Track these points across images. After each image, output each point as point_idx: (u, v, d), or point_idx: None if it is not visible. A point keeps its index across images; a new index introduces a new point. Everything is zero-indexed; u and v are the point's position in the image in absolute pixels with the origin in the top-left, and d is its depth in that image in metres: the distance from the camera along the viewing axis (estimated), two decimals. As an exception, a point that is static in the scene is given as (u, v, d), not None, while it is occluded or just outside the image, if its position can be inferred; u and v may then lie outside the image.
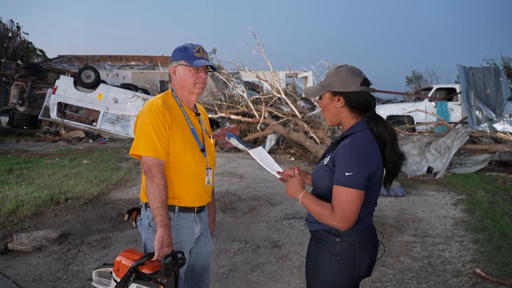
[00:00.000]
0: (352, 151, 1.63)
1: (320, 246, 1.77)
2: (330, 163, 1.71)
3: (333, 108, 1.78)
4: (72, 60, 24.43)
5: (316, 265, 1.78)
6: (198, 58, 2.07)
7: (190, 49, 2.07)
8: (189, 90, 2.10)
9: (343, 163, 1.63)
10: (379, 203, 6.10)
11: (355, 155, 1.63)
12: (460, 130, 8.76)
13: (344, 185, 1.60)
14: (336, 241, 1.72)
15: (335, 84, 1.75)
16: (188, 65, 2.06)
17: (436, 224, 5.18)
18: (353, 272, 1.72)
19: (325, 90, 1.78)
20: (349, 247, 1.71)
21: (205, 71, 2.11)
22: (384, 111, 14.32)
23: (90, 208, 5.46)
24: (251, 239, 4.50)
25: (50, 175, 7.20)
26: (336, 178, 1.63)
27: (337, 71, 1.76)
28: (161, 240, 1.90)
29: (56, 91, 12.84)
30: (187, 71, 2.07)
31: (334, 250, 1.72)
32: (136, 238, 4.42)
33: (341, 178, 1.61)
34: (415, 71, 27.78)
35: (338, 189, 1.62)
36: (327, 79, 1.79)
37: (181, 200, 2.04)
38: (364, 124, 1.75)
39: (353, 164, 1.61)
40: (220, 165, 8.22)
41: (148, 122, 1.96)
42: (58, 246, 4.22)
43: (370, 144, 1.68)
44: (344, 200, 1.60)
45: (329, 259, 1.73)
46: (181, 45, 2.11)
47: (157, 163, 1.94)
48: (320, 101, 1.84)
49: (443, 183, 7.62)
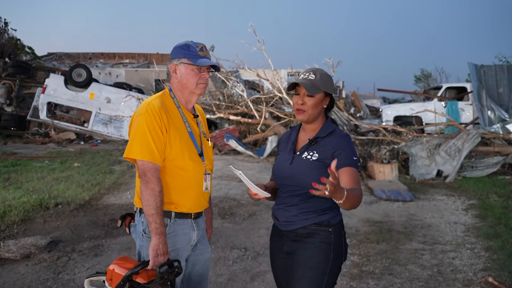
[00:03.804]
0: (350, 140, 1.99)
1: (313, 241, 1.93)
2: (323, 157, 1.93)
3: (319, 108, 2.03)
4: (62, 58, 24.45)
5: (308, 260, 1.92)
6: (202, 57, 2.06)
7: (193, 47, 2.06)
8: (190, 91, 2.10)
9: (348, 150, 1.93)
10: (386, 208, 6.12)
11: (352, 143, 1.99)
12: (471, 132, 8.77)
13: (356, 167, 1.92)
14: (329, 231, 1.95)
15: (329, 86, 2.02)
16: (192, 64, 2.05)
17: (446, 231, 5.18)
18: (341, 257, 1.99)
19: (321, 91, 2.00)
20: (338, 235, 1.98)
21: (208, 71, 2.11)
22: (391, 112, 14.34)
23: (81, 214, 5.46)
24: (251, 246, 4.50)
25: (39, 178, 7.20)
26: (348, 162, 1.90)
27: (327, 75, 2.03)
28: (156, 249, 1.90)
29: (45, 91, 12.84)
30: (190, 70, 2.06)
31: (328, 240, 1.94)
32: (130, 245, 4.42)
33: (352, 163, 1.91)
34: (423, 70, 27.88)
35: (353, 170, 1.90)
36: (322, 80, 2.00)
37: (178, 206, 2.04)
38: (333, 122, 2.08)
39: (354, 150, 1.97)
40: (218, 168, 8.22)
41: (144, 124, 1.96)
42: (48, 253, 4.22)
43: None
44: (358, 178, 1.91)
45: (325, 250, 1.93)
46: (182, 42, 2.10)
47: (152, 168, 1.95)
48: (308, 99, 1.99)
49: (453, 187, 7.62)
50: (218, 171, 8.16)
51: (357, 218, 5.58)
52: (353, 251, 4.40)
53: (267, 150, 10.52)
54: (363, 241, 4.73)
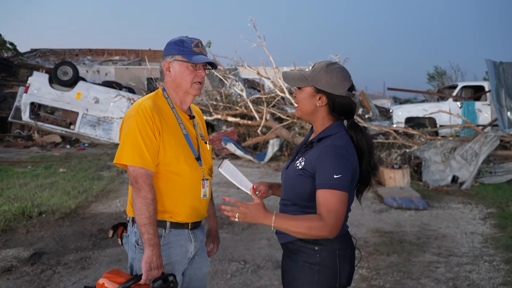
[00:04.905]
0: (337, 153, 1.73)
1: (297, 258, 1.84)
2: (307, 167, 1.78)
3: (311, 105, 1.86)
4: (47, 55, 24.48)
5: (293, 280, 1.85)
6: (197, 54, 2.06)
7: (188, 43, 2.06)
8: (185, 90, 2.10)
9: (329, 166, 1.71)
10: (397, 218, 6.12)
11: (340, 157, 1.73)
12: (490, 134, 8.77)
13: (335, 188, 1.68)
14: (315, 249, 1.79)
15: (323, 81, 1.82)
16: (186, 61, 2.05)
17: (462, 242, 5.17)
18: (334, 281, 1.81)
19: (309, 84, 1.84)
20: (329, 255, 1.80)
21: (203, 69, 2.11)
22: (403, 113, 14.34)
23: (67, 223, 5.46)
24: (251, 259, 4.50)
25: (21, 185, 7.20)
26: (325, 182, 1.70)
27: (329, 69, 1.82)
28: (149, 262, 1.89)
29: (28, 90, 12.88)
30: (184, 68, 2.06)
31: (313, 260, 1.79)
32: (120, 257, 4.42)
33: (331, 181, 1.69)
34: (437, 67, 27.81)
35: (328, 193, 1.68)
36: (314, 72, 1.84)
37: (173, 215, 2.04)
38: (340, 126, 1.86)
39: (340, 166, 1.71)
40: (215, 174, 8.19)
41: (135, 126, 1.96)
42: (31, 266, 4.21)
43: (350, 146, 1.80)
44: (337, 204, 1.68)
45: (308, 270, 1.80)
46: (176, 38, 2.10)
47: (144, 174, 1.95)
48: (298, 92, 1.89)
49: (470, 195, 7.62)
50: (215, 177, 8.15)
51: (366, 228, 5.58)
52: (362, 264, 4.39)
53: (268, 154, 10.54)
54: (373, 253, 4.72)
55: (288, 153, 10.77)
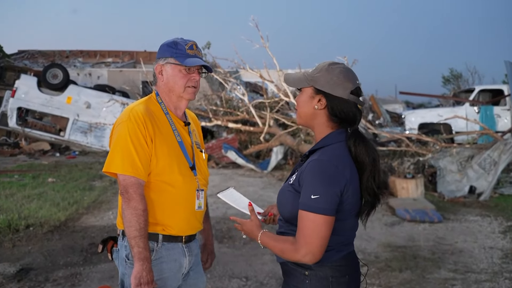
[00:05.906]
0: (318, 170, 1.66)
1: (288, 281, 1.81)
2: (296, 183, 1.73)
3: (310, 108, 1.78)
4: (35, 57, 24.65)
5: None
6: (191, 56, 2.08)
7: (182, 45, 2.09)
8: (178, 95, 2.12)
9: (308, 184, 1.65)
10: (410, 231, 6.10)
11: (321, 174, 1.65)
12: (509, 141, 8.75)
13: (310, 210, 1.62)
14: (305, 274, 1.74)
15: (321, 81, 1.75)
16: (179, 64, 2.07)
17: (480, 257, 5.16)
18: None
19: (308, 84, 1.78)
20: (320, 281, 1.73)
21: (198, 72, 2.13)
22: (416, 118, 14.34)
23: (56, 237, 5.46)
24: (253, 275, 4.49)
25: (7, 196, 7.21)
26: (302, 202, 1.65)
27: (330, 68, 1.76)
28: (139, 277, 1.89)
29: (15, 94, 12.93)
30: (177, 71, 2.09)
31: (302, 285, 1.75)
32: (112, 273, 4.41)
33: (307, 202, 1.63)
34: (453, 69, 27.87)
35: (303, 215, 1.64)
36: (315, 71, 1.79)
37: (166, 228, 2.05)
38: (340, 135, 1.76)
39: (320, 185, 1.63)
40: (215, 184, 8.24)
41: (125, 133, 1.97)
42: (17, 283, 4.21)
43: (340, 160, 1.69)
44: (310, 228, 1.63)
45: None
46: (170, 39, 2.13)
47: (135, 183, 1.96)
48: (298, 95, 1.84)
49: (488, 206, 7.60)
50: (215, 187, 8.16)
51: (377, 242, 5.57)
52: (372, 281, 4.38)
53: (271, 163, 10.54)
54: (384, 269, 4.71)
55: (293, 162, 10.77)
